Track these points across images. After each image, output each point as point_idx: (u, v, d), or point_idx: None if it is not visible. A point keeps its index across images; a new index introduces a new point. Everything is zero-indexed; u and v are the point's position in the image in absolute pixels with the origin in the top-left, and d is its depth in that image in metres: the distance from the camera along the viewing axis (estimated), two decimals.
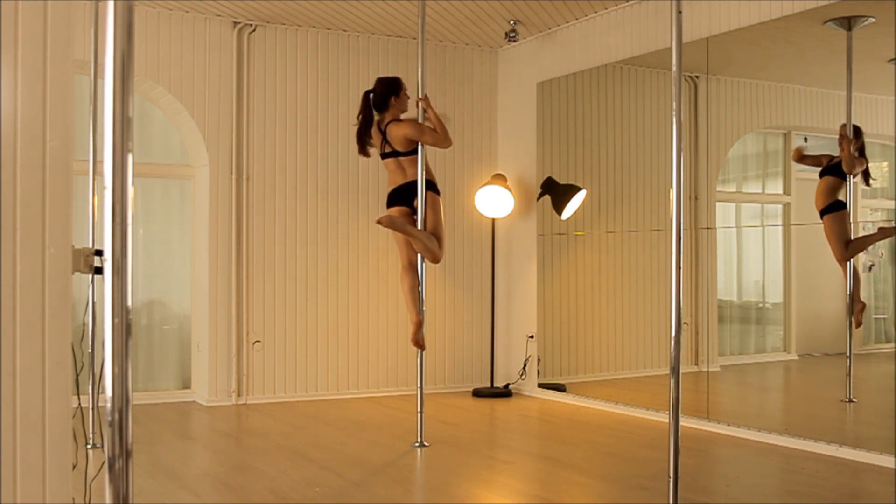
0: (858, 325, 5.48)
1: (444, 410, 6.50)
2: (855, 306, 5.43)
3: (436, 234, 5.29)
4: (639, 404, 6.32)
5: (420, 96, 5.30)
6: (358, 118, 5.44)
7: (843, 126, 5.40)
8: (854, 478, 4.52)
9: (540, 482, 4.56)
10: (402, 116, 5.42)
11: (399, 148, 5.32)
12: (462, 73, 7.57)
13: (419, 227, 5.25)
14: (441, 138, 5.23)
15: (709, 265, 6.32)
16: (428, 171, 5.34)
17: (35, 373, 2.15)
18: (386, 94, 5.38)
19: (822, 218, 5.50)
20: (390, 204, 5.43)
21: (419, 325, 5.26)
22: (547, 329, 7.22)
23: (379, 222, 5.15)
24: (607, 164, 7.16)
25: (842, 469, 4.66)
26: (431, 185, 5.33)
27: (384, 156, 5.41)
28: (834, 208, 5.43)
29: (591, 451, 5.18)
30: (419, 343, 5.26)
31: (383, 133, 5.36)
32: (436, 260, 5.34)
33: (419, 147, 5.24)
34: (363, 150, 5.46)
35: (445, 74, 7.47)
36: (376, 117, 5.42)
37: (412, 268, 5.36)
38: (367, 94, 5.45)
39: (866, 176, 5.49)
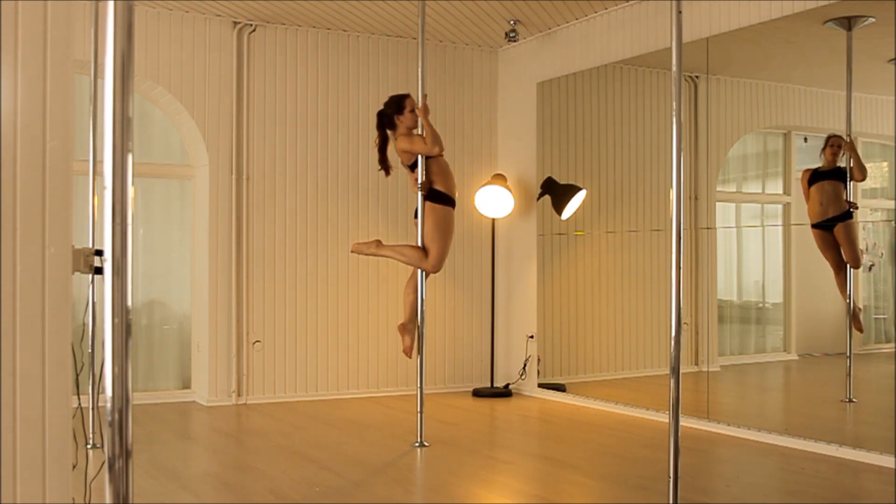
0: (861, 330, 5.48)
1: (444, 410, 6.50)
2: (856, 310, 5.43)
3: (428, 246, 5.27)
4: (639, 404, 6.32)
5: (419, 105, 5.27)
6: (376, 141, 5.44)
7: (837, 136, 5.39)
8: (854, 478, 4.52)
9: (540, 482, 4.56)
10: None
11: (405, 161, 5.34)
12: (462, 73, 7.57)
13: (418, 237, 5.29)
14: (428, 147, 5.19)
15: (709, 265, 6.32)
16: (443, 181, 5.29)
17: (35, 373, 2.15)
18: (390, 113, 5.35)
19: (833, 224, 5.45)
20: (416, 216, 5.48)
21: (401, 331, 5.31)
22: (547, 329, 7.22)
23: (352, 251, 5.53)
24: (607, 164, 7.16)
25: (842, 469, 4.66)
26: (439, 197, 5.29)
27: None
28: (849, 215, 5.42)
29: (591, 451, 5.18)
30: (406, 352, 5.31)
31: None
32: (430, 271, 5.33)
33: (419, 158, 5.24)
34: (385, 169, 5.43)
35: (445, 74, 7.47)
36: (390, 136, 5.42)
37: (413, 278, 5.40)
38: (379, 113, 5.43)
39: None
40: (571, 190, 6.95)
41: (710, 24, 5.74)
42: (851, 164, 5.36)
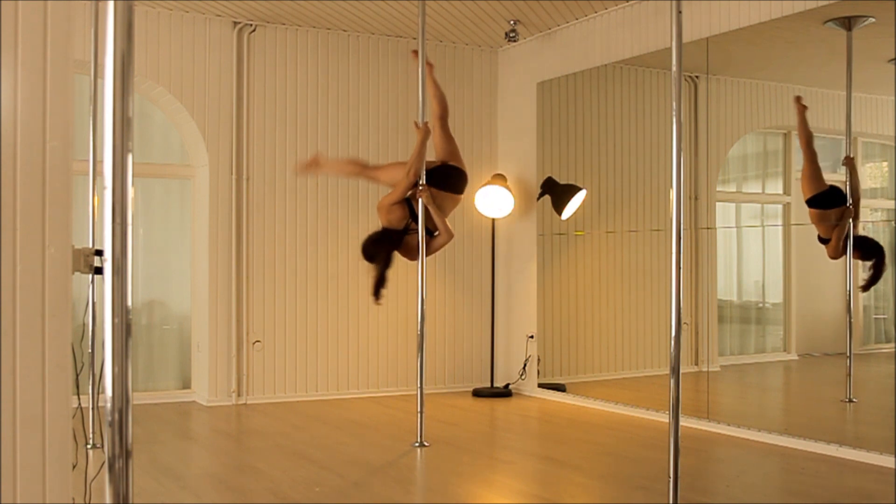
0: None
1: (444, 410, 6.51)
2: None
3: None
4: (639, 404, 6.32)
5: (421, 125, 5.28)
6: (374, 275, 5.26)
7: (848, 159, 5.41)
8: (854, 478, 4.52)
9: (540, 482, 4.56)
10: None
11: (398, 218, 5.29)
12: (462, 73, 7.57)
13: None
14: (404, 174, 5.22)
15: (709, 265, 6.32)
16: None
17: (35, 373, 2.15)
18: (385, 245, 5.25)
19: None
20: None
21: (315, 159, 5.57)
22: (547, 329, 7.22)
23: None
24: (607, 164, 7.16)
25: (842, 469, 4.66)
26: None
27: (414, 221, 5.33)
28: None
29: (591, 451, 5.18)
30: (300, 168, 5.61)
31: (403, 236, 5.33)
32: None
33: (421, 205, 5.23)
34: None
35: (445, 74, 7.46)
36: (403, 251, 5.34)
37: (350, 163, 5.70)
38: (381, 244, 5.27)
39: None
40: (571, 190, 6.95)
41: (710, 24, 5.74)
42: (849, 183, 5.35)
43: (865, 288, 5.51)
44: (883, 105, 5.35)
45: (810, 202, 5.53)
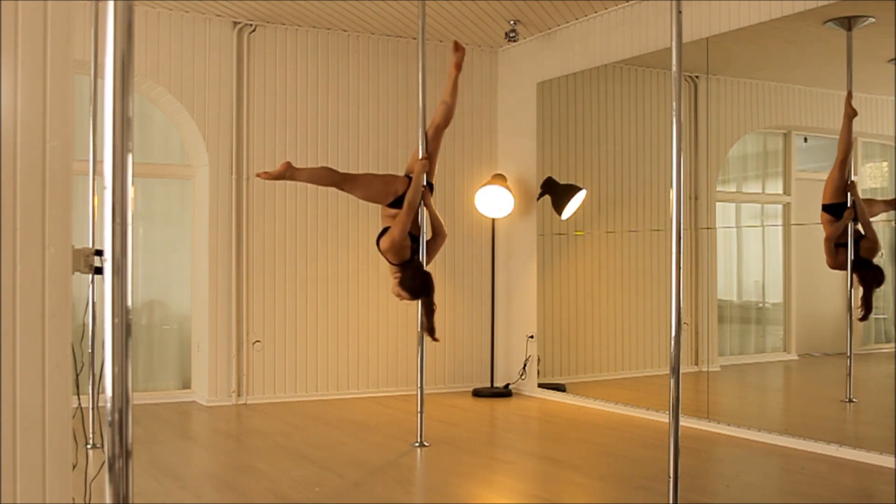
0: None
1: (444, 410, 6.50)
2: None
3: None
4: (639, 404, 6.32)
5: (422, 154, 5.22)
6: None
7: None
8: (854, 478, 4.52)
9: (540, 482, 4.56)
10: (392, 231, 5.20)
11: (400, 247, 5.17)
12: (462, 73, 7.55)
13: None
14: (402, 213, 5.12)
15: (709, 265, 6.32)
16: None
17: (35, 373, 2.15)
18: (424, 275, 5.14)
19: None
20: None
21: (286, 166, 5.11)
22: (547, 329, 7.22)
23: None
24: (607, 164, 7.16)
25: (842, 469, 4.66)
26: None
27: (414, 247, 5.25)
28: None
29: (591, 451, 5.18)
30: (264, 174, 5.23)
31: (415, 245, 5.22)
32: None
33: (420, 206, 5.19)
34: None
35: (446, 74, 7.45)
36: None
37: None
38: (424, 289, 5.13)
39: None
40: (571, 190, 6.95)
41: (710, 24, 5.74)
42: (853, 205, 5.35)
43: (863, 318, 5.47)
44: (883, 105, 5.35)
45: (827, 207, 5.52)
